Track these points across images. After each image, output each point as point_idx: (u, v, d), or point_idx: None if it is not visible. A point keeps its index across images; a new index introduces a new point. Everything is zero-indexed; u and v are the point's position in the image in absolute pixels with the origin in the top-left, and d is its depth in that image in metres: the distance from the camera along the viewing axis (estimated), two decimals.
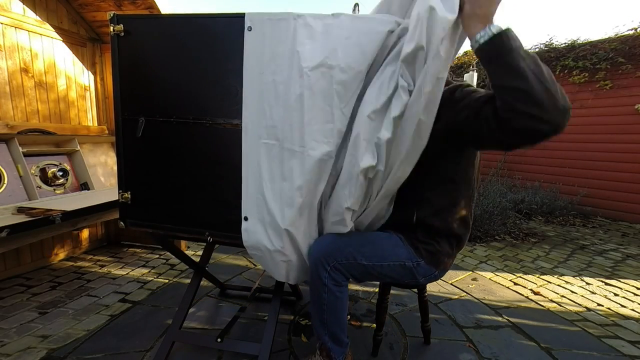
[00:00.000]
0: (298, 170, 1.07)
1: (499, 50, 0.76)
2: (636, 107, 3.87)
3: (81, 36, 2.56)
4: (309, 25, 1.02)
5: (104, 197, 2.02)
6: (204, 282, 1.81)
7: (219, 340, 1.37)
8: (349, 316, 1.79)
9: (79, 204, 1.82)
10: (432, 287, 2.14)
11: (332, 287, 1.13)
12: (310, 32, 1.02)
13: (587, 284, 2.31)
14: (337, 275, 1.13)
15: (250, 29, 1.05)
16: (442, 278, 2.28)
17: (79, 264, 2.45)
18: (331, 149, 1.05)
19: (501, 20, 0.77)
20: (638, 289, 2.24)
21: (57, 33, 2.38)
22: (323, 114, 1.03)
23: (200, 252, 2.12)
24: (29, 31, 2.21)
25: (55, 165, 2.20)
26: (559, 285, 2.27)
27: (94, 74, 2.69)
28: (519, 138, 0.81)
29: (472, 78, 4.17)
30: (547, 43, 4.79)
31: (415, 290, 1.51)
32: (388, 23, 1.01)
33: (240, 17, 1.05)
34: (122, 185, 1.24)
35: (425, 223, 1.12)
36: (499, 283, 2.27)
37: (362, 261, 1.12)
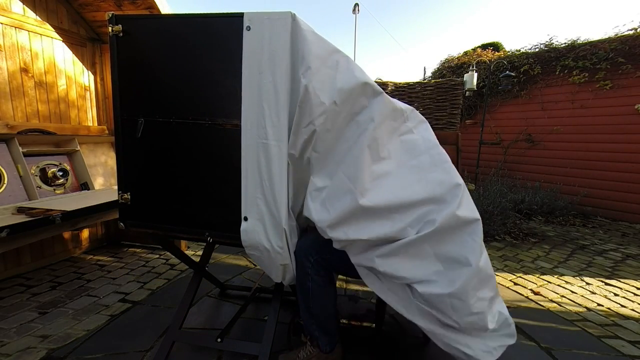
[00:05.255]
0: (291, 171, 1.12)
1: None
2: (636, 107, 3.87)
3: (81, 36, 2.56)
4: (303, 33, 1.03)
5: (104, 197, 2.02)
6: (204, 282, 1.81)
7: (219, 340, 1.37)
8: (348, 320, 1.79)
9: (79, 204, 1.82)
10: None
11: (316, 277, 1.18)
12: (303, 39, 1.04)
13: (587, 284, 2.30)
14: (321, 267, 1.18)
15: (249, 28, 1.05)
16: None
17: (79, 264, 2.45)
18: (295, 155, 1.09)
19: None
20: (638, 289, 2.24)
21: (57, 33, 2.38)
22: (295, 125, 1.07)
23: (200, 252, 2.12)
24: (29, 31, 2.21)
25: (55, 165, 2.21)
26: (559, 285, 2.27)
27: (94, 74, 2.69)
28: None
29: (472, 78, 4.17)
30: (547, 43, 4.80)
31: None
32: (367, 77, 1.07)
33: (239, 17, 1.05)
34: (122, 186, 1.24)
35: None
36: (499, 283, 2.27)
37: (344, 255, 1.16)
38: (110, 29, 1.13)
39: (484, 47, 6.62)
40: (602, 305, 1.99)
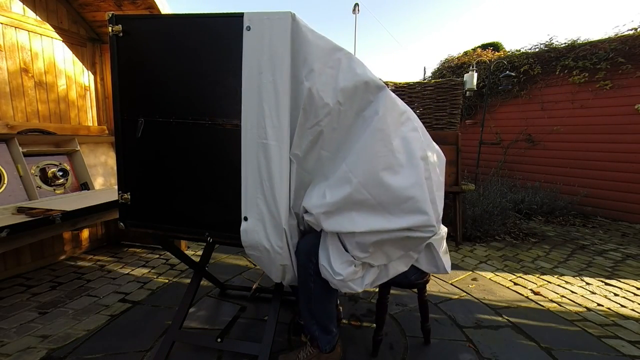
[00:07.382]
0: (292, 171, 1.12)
1: None
2: (636, 107, 3.87)
3: (81, 36, 2.56)
4: (303, 33, 1.03)
5: (104, 197, 2.02)
6: (204, 282, 1.81)
7: (219, 340, 1.37)
8: (348, 320, 1.79)
9: (79, 204, 1.82)
10: (432, 287, 2.14)
11: (318, 279, 1.18)
12: (304, 40, 1.04)
13: (587, 284, 2.30)
14: None
15: (249, 28, 1.05)
16: (442, 278, 2.29)
17: (79, 264, 2.45)
18: (300, 155, 1.11)
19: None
20: (638, 289, 2.24)
21: (57, 33, 2.38)
22: (300, 126, 1.08)
23: (200, 252, 2.12)
24: (29, 31, 2.21)
25: (55, 165, 2.21)
26: (559, 285, 2.27)
27: (94, 74, 2.69)
28: None
29: (472, 78, 4.17)
30: (547, 43, 4.79)
31: (415, 290, 1.51)
32: (369, 73, 1.07)
33: (239, 16, 1.05)
34: (122, 186, 1.24)
35: None
36: (499, 283, 2.27)
37: None
38: (110, 29, 1.13)
39: (484, 47, 6.62)
40: (602, 305, 1.99)
